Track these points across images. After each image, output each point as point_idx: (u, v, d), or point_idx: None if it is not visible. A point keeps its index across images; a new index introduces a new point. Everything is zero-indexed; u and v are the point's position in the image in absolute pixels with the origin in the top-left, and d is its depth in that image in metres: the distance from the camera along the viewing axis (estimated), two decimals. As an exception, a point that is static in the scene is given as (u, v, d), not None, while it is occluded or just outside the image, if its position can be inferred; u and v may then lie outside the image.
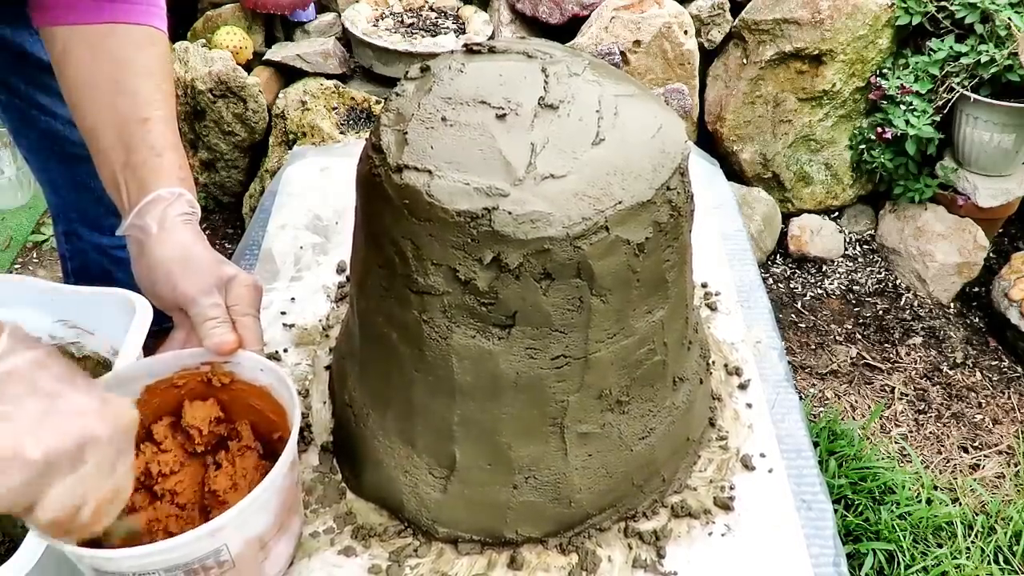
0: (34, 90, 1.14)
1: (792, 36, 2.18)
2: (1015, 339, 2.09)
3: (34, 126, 1.18)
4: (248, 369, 0.78)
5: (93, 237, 1.33)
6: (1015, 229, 2.50)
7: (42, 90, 1.14)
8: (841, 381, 2.04)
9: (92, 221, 1.31)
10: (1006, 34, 2.01)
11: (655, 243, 0.73)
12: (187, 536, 0.62)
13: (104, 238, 1.33)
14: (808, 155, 2.37)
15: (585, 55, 0.85)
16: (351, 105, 2.23)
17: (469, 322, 0.73)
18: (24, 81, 1.13)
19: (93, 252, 1.36)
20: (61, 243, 1.40)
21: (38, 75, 1.11)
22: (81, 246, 1.37)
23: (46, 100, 1.14)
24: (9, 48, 1.11)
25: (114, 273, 1.38)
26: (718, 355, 1.04)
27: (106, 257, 1.36)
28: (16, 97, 1.15)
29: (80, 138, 0.96)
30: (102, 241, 1.34)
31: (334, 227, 1.23)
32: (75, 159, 1.20)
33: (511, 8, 2.31)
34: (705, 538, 0.84)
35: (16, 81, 1.13)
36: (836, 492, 1.60)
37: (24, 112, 1.16)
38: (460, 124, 0.75)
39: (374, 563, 0.80)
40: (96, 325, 0.95)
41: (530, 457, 0.79)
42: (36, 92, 1.14)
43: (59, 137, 1.18)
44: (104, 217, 1.29)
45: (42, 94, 1.14)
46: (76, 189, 1.26)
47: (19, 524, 0.85)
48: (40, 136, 1.19)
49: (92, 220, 1.31)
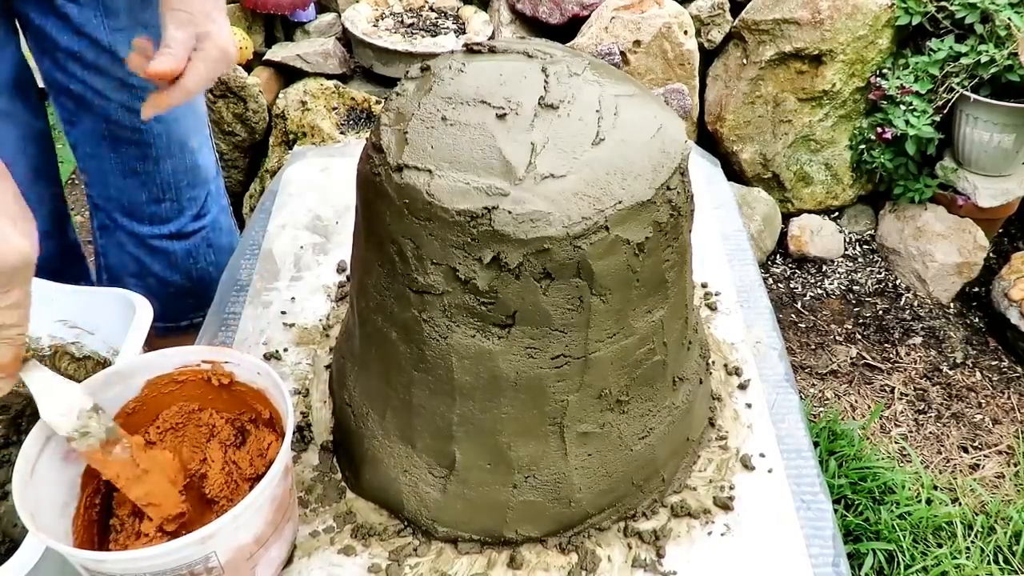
0: (92, 74, 1.16)
1: (792, 36, 2.18)
2: (1015, 339, 2.09)
3: (89, 111, 1.21)
4: (246, 371, 0.78)
5: (132, 226, 1.36)
6: (1015, 229, 2.50)
7: (99, 74, 1.16)
8: (841, 381, 2.04)
9: (134, 210, 1.34)
10: (1006, 34, 2.01)
11: (655, 243, 0.73)
12: (176, 543, 0.62)
13: (144, 227, 1.35)
14: (808, 155, 2.37)
15: (585, 55, 0.85)
16: (351, 105, 2.23)
17: (469, 321, 0.73)
18: (81, 66, 1.15)
19: (130, 244, 1.39)
20: (96, 238, 1.42)
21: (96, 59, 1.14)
22: (118, 238, 1.39)
23: (100, 84, 1.17)
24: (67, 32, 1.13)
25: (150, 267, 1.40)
26: (718, 355, 1.04)
27: (144, 248, 1.39)
28: (74, 81, 1.18)
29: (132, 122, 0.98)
30: (141, 230, 1.36)
31: (334, 227, 1.23)
32: (126, 143, 1.24)
33: (511, 8, 2.31)
34: (705, 538, 0.84)
35: (73, 67, 1.16)
36: (836, 492, 1.60)
37: (81, 97, 1.19)
38: (460, 124, 0.75)
39: (374, 562, 0.80)
40: (96, 325, 0.95)
41: (530, 457, 0.79)
42: (93, 76, 1.16)
43: (112, 121, 1.21)
44: (147, 205, 1.32)
45: (98, 78, 1.16)
46: (124, 175, 1.29)
47: (19, 524, 0.85)
48: (94, 121, 1.22)
49: (135, 208, 1.33)
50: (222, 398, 0.81)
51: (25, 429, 0.92)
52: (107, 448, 0.70)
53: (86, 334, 0.96)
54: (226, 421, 0.82)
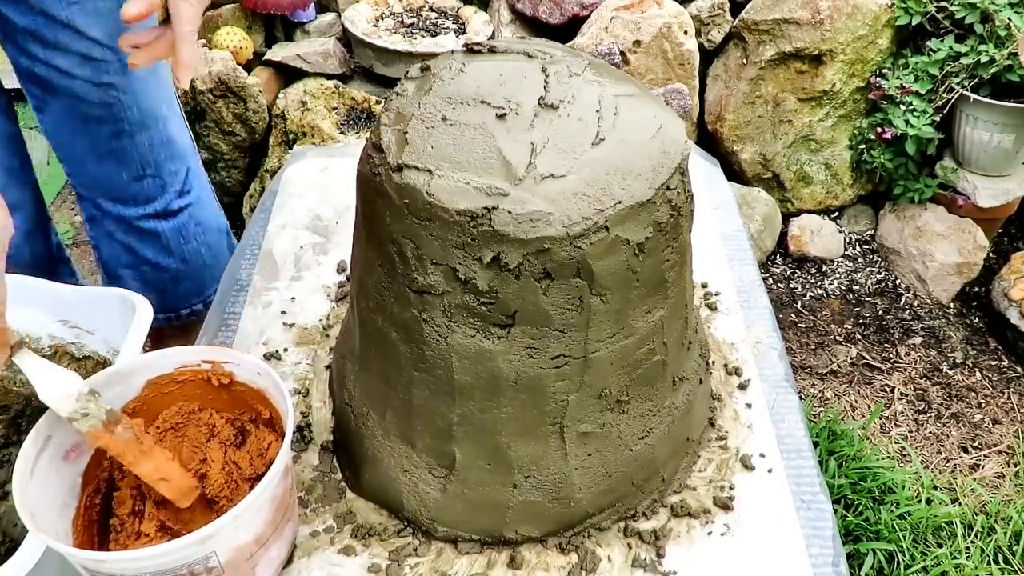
0: (53, 53, 1.16)
1: (792, 36, 2.18)
2: (1015, 339, 2.09)
3: (55, 93, 1.21)
4: (246, 371, 0.78)
5: (118, 209, 1.36)
6: (1015, 229, 2.50)
7: (60, 51, 1.16)
8: (841, 381, 2.04)
9: (117, 191, 1.34)
10: (1006, 34, 2.01)
11: (655, 243, 0.73)
12: (176, 543, 0.62)
13: (129, 209, 1.35)
14: (808, 155, 2.37)
15: (585, 55, 0.85)
16: (351, 105, 2.23)
17: (469, 321, 0.73)
18: (42, 46, 1.15)
19: (119, 231, 1.39)
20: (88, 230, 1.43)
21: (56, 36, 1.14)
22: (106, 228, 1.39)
23: (64, 63, 1.17)
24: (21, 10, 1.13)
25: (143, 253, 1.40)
26: (718, 355, 1.04)
27: (132, 232, 1.39)
28: (38, 64, 1.18)
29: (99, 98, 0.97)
30: (127, 212, 1.36)
31: (334, 227, 1.23)
32: (95, 121, 1.24)
33: (511, 8, 2.31)
34: (704, 538, 0.84)
35: (35, 48, 1.16)
36: (836, 492, 1.60)
37: (46, 81, 1.19)
38: (460, 124, 0.75)
39: (374, 562, 0.80)
40: (96, 325, 0.95)
41: (530, 457, 0.79)
42: (54, 55, 1.16)
43: (80, 99, 1.20)
44: (128, 185, 1.32)
45: (60, 56, 1.16)
46: (98, 157, 1.29)
47: (19, 524, 0.85)
48: (62, 103, 1.22)
49: (117, 190, 1.33)
50: (222, 398, 0.81)
51: (25, 429, 0.92)
52: (110, 427, 0.70)
53: (86, 334, 0.96)
54: (226, 421, 0.82)
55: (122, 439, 0.71)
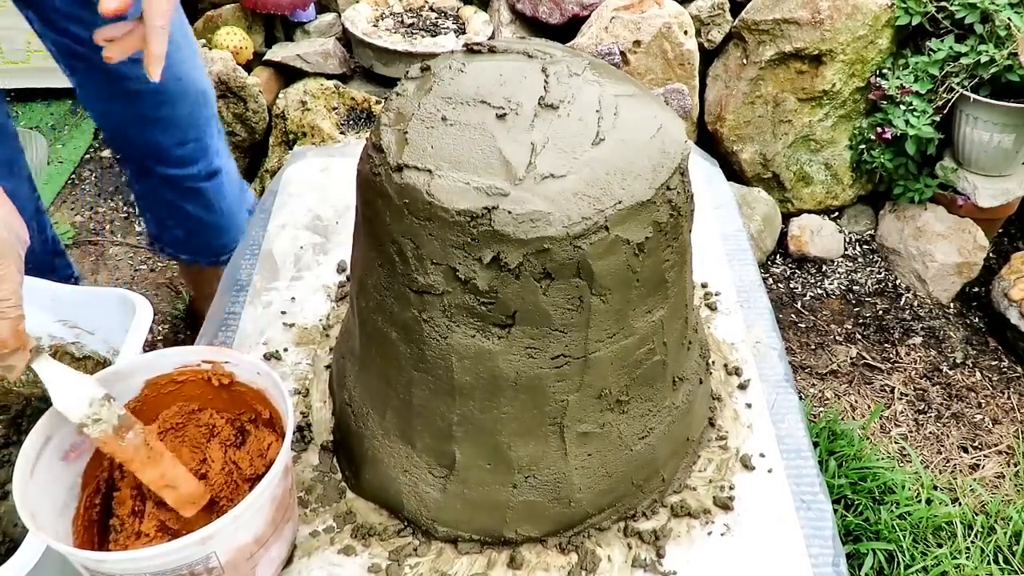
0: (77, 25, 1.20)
1: (792, 36, 2.18)
2: (1015, 339, 2.09)
3: (96, 70, 1.24)
4: (246, 371, 0.78)
5: (162, 169, 1.42)
6: (1015, 229, 2.50)
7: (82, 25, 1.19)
8: (841, 381, 2.04)
9: (162, 155, 1.40)
10: (1006, 34, 2.01)
11: (655, 243, 0.73)
12: (176, 543, 0.62)
13: (172, 170, 1.43)
14: (808, 155, 2.37)
15: (585, 55, 0.85)
16: (351, 105, 2.23)
17: (469, 321, 0.73)
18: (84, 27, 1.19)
19: (166, 190, 1.46)
20: (133, 185, 1.52)
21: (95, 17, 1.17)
22: (151, 185, 1.47)
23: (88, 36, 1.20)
24: None
25: (186, 207, 1.49)
26: (718, 355, 1.04)
27: (177, 191, 1.47)
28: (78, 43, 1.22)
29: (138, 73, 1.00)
30: (170, 173, 1.43)
31: (334, 227, 1.23)
32: (135, 95, 1.29)
33: (511, 8, 2.31)
34: (704, 538, 0.84)
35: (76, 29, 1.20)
36: (836, 492, 1.60)
37: (88, 58, 1.23)
38: (460, 124, 0.75)
39: (374, 562, 0.80)
40: (96, 325, 0.96)
41: (530, 457, 0.79)
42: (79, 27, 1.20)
43: (119, 75, 1.24)
44: (173, 148, 1.39)
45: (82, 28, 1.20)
46: (142, 125, 1.35)
47: (19, 524, 0.85)
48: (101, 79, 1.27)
49: (162, 154, 1.40)
50: (222, 398, 0.81)
51: (25, 429, 0.92)
52: (120, 433, 0.70)
53: (86, 334, 0.96)
54: (226, 421, 0.82)
55: (131, 445, 0.71)
